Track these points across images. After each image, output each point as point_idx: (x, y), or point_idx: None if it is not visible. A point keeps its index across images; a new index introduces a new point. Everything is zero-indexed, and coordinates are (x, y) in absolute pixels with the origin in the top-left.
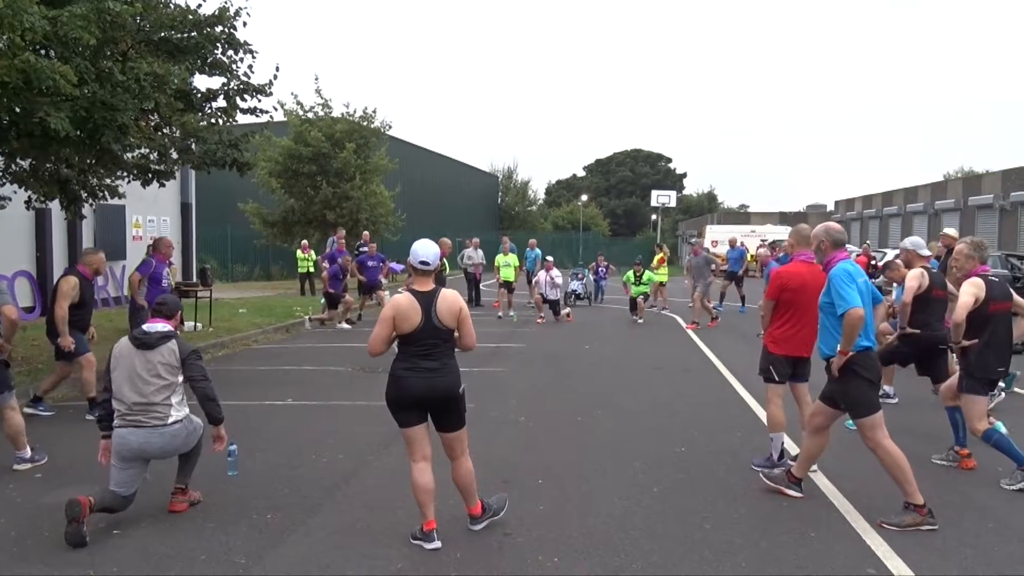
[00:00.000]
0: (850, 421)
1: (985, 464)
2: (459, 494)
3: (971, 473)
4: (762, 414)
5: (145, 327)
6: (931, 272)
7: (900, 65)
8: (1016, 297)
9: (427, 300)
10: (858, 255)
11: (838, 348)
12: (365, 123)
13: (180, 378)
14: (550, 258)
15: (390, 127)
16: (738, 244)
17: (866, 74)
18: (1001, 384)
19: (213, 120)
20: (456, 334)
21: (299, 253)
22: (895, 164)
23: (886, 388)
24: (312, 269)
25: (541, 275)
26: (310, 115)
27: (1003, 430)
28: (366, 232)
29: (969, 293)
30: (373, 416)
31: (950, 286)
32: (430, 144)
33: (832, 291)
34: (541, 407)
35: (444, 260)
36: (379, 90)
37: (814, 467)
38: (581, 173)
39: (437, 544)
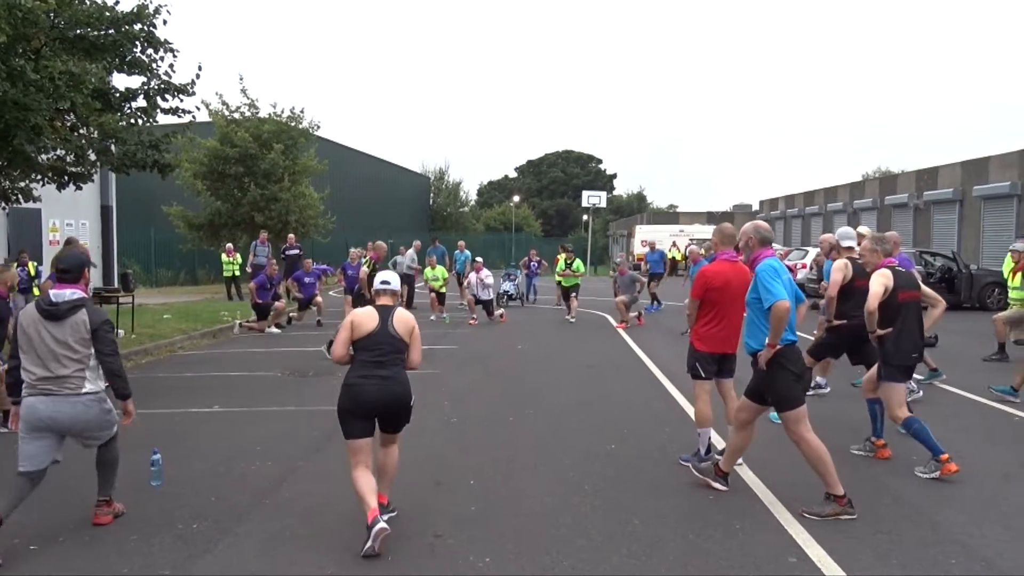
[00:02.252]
0: (774, 414)
1: (900, 454)
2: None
3: (887, 462)
4: (690, 410)
5: (52, 294)
6: (855, 263)
7: (822, 69)
8: (924, 287)
9: (385, 312)
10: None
11: (766, 341)
12: (293, 123)
13: (92, 350)
14: (479, 259)
15: (319, 127)
16: (656, 247)
17: (790, 78)
18: (919, 377)
19: (133, 121)
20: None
21: (224, 257)
22: (817, 165)
23: (819, 379)
24: (238, 273)
25: (472, 276)
26: (236, 115)
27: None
28: (291, 235)
29: (878, 283)
30: (303, 421)
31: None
32: (360, 145)
33: (759, 285)
34: (473, 408)
35: (376, 263)
36: (307, 91)
37: (740, 460)
38: (513, 174)
39: (384, 526)
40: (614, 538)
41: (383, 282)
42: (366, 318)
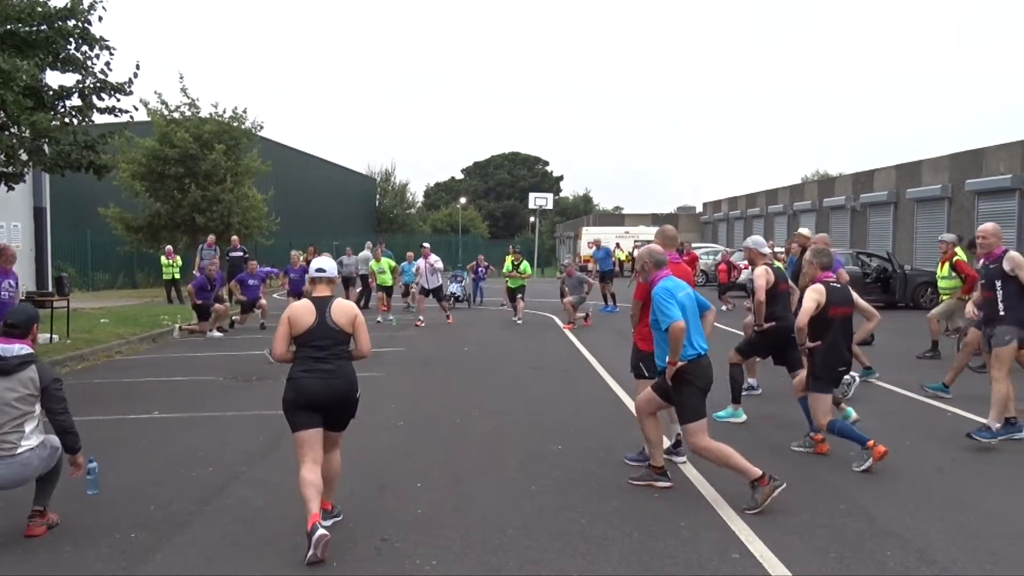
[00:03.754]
0: (719, 412)
1: (838, 449)
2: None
3: (825, 458)
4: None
5: (0, 349)
6: (774, 268)
7: (764, 75)
8: (857, 299)
9: (322, 304)
10: (719, 262)
11: (668, 359)
12: (235, 123)
13: (38, 408)
14: (427, 244)
15: (261, 128)
16: (601, 244)
17: (732, 82)
18: (853, 374)
19: (67, 120)
20: (352, 341)
21: (163, 259)
22: (759, 168)
23: (750, 381)
24: (178, 276)
25: (420, 262)
26: (176, 115)
27: (853, 416)
28: (235, 237)
29: (811, 299)
30: (247, 426)
31: (791, 282)
32: (305, 146)
33: (656, 309)
34: (419, 410)
35: None
36: (250, 91)
37: (683, 458)
38: (460, 176)
39: (323, 532)
40: (560, 538)
41: (318, 270)
42: (303, 312)
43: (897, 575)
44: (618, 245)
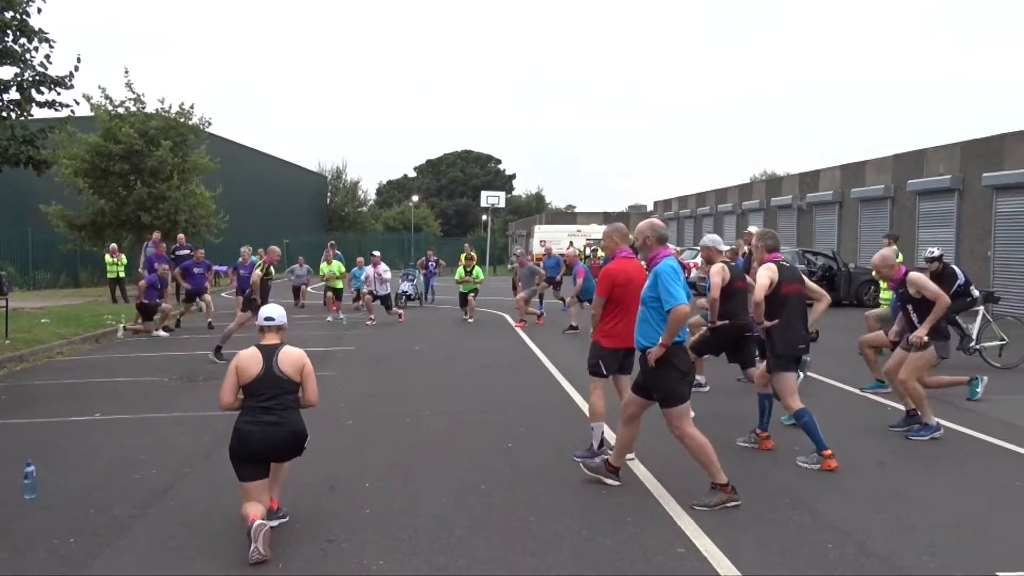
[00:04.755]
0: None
1: (783, 445)
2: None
3: (770, 453)
4: (586, 408)
5: None
6: (731, 266)
7: (714, 74)
8: (808, 281)
9: (269, 351)
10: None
11: (659, 340)
12: (182, 119)
13: None
14: (377, 252)
15: (209, 124)
16: (553, 252)
17: (683, 81)
18: (806, 358)
19: (4, 114)
20: (301, 390)
21: (108, 258)
22: (709, 167)
23: (699, 378)
24: (123, 274)
25: (369, 270)
26: (120, 110)
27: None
28: (181, 235)
29: (764, 276)
30: (192, 428)
31: (748, 278)
32: (255, 143)
33: (660, 287)
34: (369, 410)
35: (271, 267)
36: (198, 87)
37: (631, 455)
38: (412, 174)
39: (262, 522)
40: (510, 536)
41: (267, 318)
42: (250, 361)
43: (837, 567)
44: (571, 243)
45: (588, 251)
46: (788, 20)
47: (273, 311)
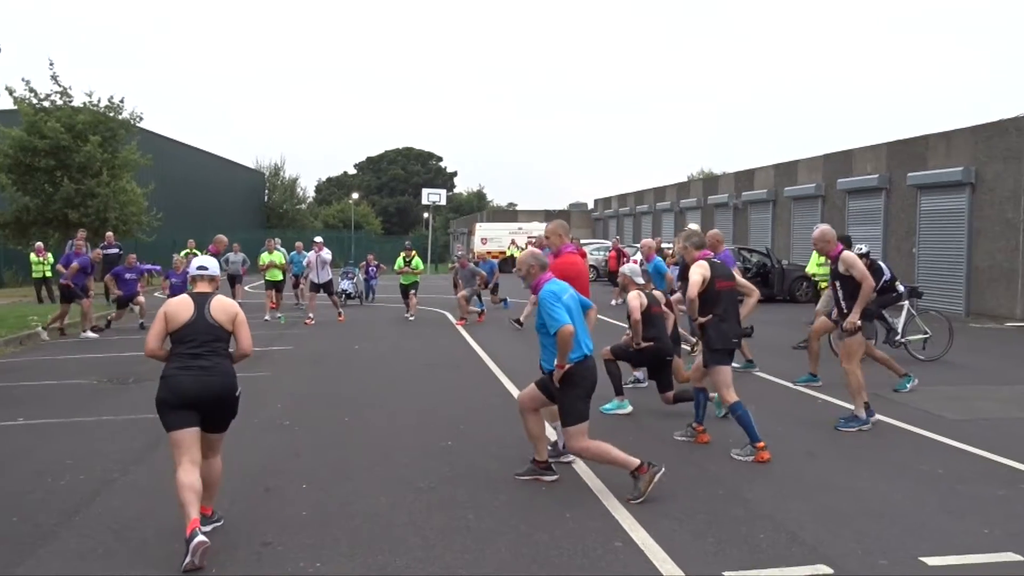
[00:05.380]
0: (605, 406)
1: (718, 438)
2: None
3: (706, 447)
4: None
5: None
6: (647, 294)
7: (653, 73)
8: (739, 277)
9: (201, 299)
10: (609, 251)
11: (556, 362)
12: (112, 114)
13: None
14: (319, 238)
15: (140, 119)
16: (488, 257)
17: (625, 80)
18: (736, 365)
19: None
20: (233, 340)
21: (33, 256)
22: (648, 166)
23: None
24: (49, 274)
25: (311, 255)
26: (46, 104)
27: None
28: (109, 233)
29: (697, 273)
30: (121, 431)
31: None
32: (189, 139)
33: (543, 313)
34: (307, 410)
35: (217, 256)
36: (129, 80)
37: (571, 456)
38: (352, 171)
39: (203, 539)
40: (448, 534)
41: (200, 267)
42: (181, 307)
43: (769, 557)
44: (512, 241)
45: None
46: (723, 22)
47: (206, 261)
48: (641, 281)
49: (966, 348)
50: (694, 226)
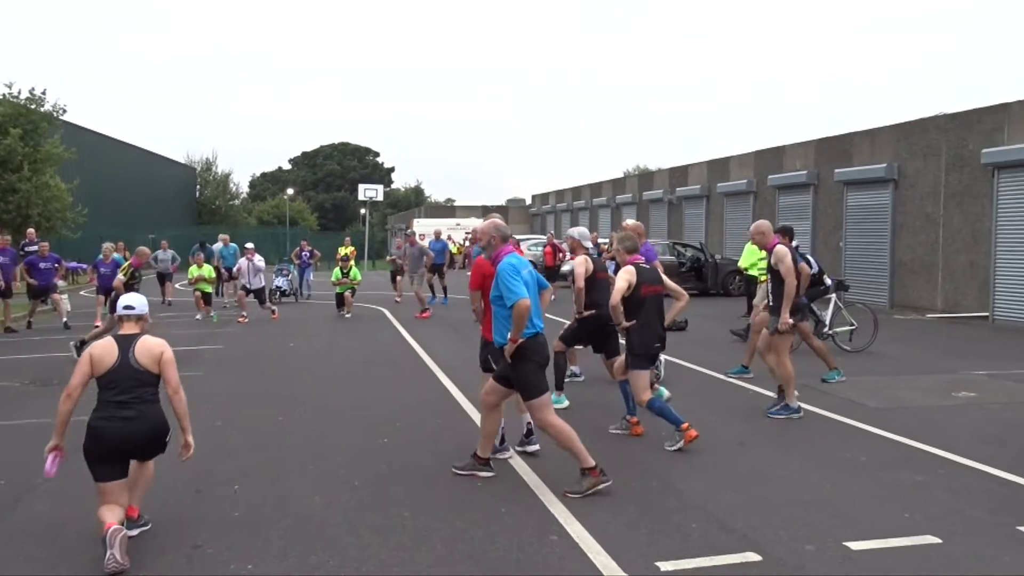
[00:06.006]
0: (553, 397)
1: (652, 430)
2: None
3: (640, 439)
4: (463, 401)
5: None
6: (593, 258)
7: (590, 69)
8: (666, 280)
9: (126, 342)
10: (544, 246)
11: (509, 336)
12: (33, 106)
13: None
14: (250, 244)
15: (64, 111)
16: (442, 236)
17: (561, 76)
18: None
19: None
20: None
21: None
22: (585, 161)
23: (573, 368)
24: None
25: (243, 262)
26: None
27: (666, 394)
28: (31, 229)
29: (623, 280)
30: (45, 435)
31: (610, 272)
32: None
33: (500, 285)
34: (239, 410)
35: (137, 270)
36: (52, 72)
37: (510, 452)
38: (287, 166)
39: (119, 527)
40: (383, 533)
41: (126, 307)
42: (105, 351)
43: (700, 545)
44: (449, 237)
45: (467, 244)
46: (655, 21)
47: (133, 299)
48: (589, 245)
49: (890, 339)
50: (630, 222)
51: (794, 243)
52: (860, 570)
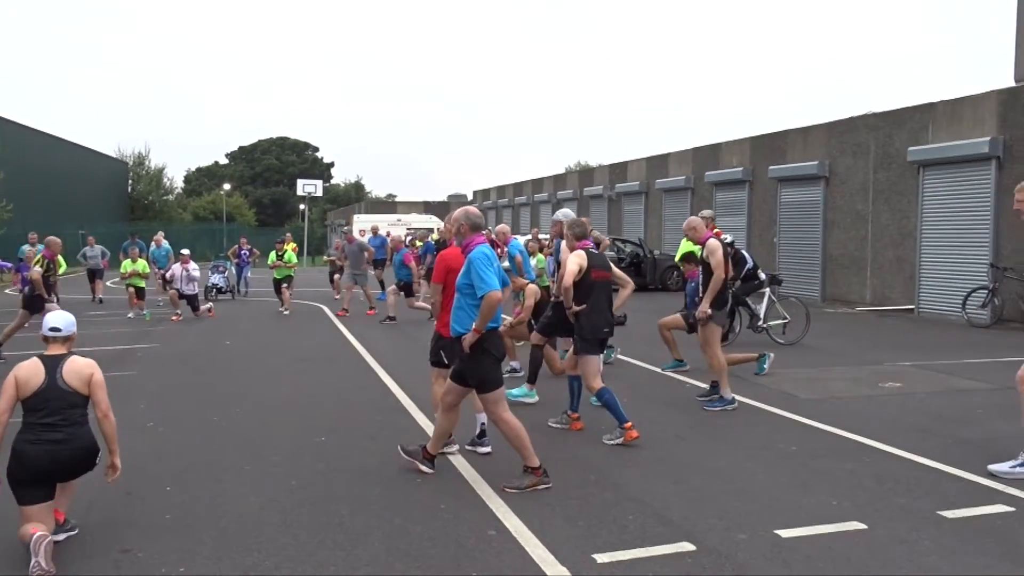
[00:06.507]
0: (512, 391)
1: (591, 425)
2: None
3: (580, 433)
4: (404, 398)
5: None
6: (591, 253)
7: (531, 66)
8: (615, 268)
9: (53, 363)
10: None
11: (473, 326)
12: None
13: None
14: (186, 251)
15: None
16: (380, 232)
17: (503, 72)
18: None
19: None
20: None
21: None
22: (526, 158)
23: (512, 364)
24: None
25: (176, 268)
26: None
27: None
28: None
29: (574, 263)
30: None
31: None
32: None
33: (473, 273)
34: (173, 410)
35: (60, 258)
36: None
37: (455, 448)
38: (224, 160)
39: (44, 533)
40: (320, 531)
41: (52, 329)
42: (31, 372)
43: (637, 537)
44: (388, 233)
45: (408, 240)
46: (597, 18)
47: (59, 320)
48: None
49: (821, 332)
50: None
51: (726, 238)
52: (789, 557)
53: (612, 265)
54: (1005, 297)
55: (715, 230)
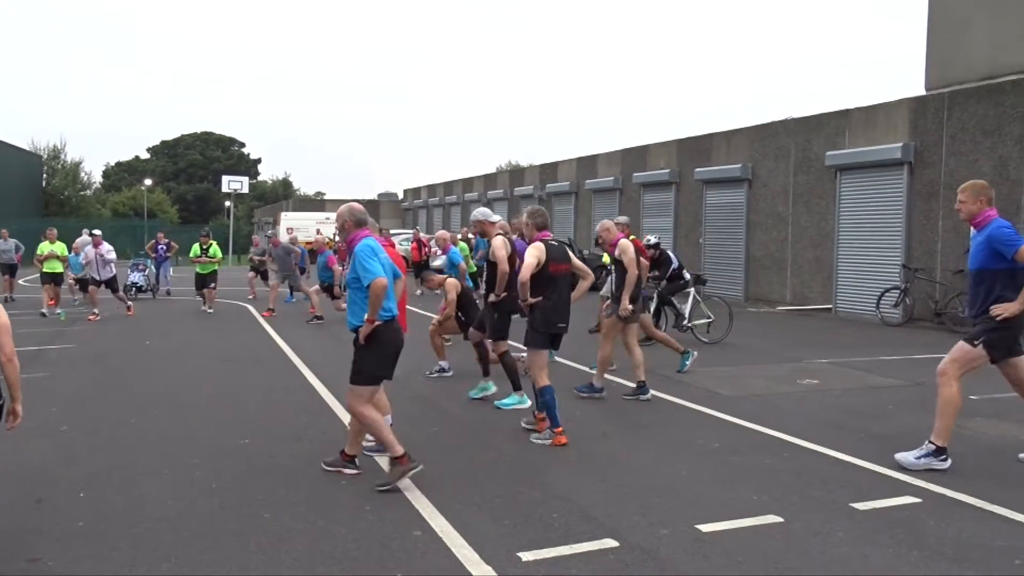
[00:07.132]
0: (503, 401)
1: (514, 424)
2: None
3: (507, 432)
4: (329, 398)
5: None
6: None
7: (461, 65)
8: (575, 260)
9: None
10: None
11: (365, 317)
12: None
13: None
14: (98, 232)
15: None
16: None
17: (433, 70)
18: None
19: None
20: None
21: None
22: (457, 156)
23: (441, 363)
24: None
25: (89, 250)
26: None
27: (493, 389)
28: None
29: (532, 256)
30: None
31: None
32: None
33: (357, 265)
34: (88, 412)
35: None
36: None
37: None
38: (145, 155)
39: None
40: (241, 534)
41: None
42: None
43: (561, 535)
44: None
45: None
46: (527, 18)
47: None
48: (496, 219)
49: (744, 331)
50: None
51: (651, 238)
52: (709, 551)
53: (572, 256)
54: (916, 297)
55: (630, 235)
